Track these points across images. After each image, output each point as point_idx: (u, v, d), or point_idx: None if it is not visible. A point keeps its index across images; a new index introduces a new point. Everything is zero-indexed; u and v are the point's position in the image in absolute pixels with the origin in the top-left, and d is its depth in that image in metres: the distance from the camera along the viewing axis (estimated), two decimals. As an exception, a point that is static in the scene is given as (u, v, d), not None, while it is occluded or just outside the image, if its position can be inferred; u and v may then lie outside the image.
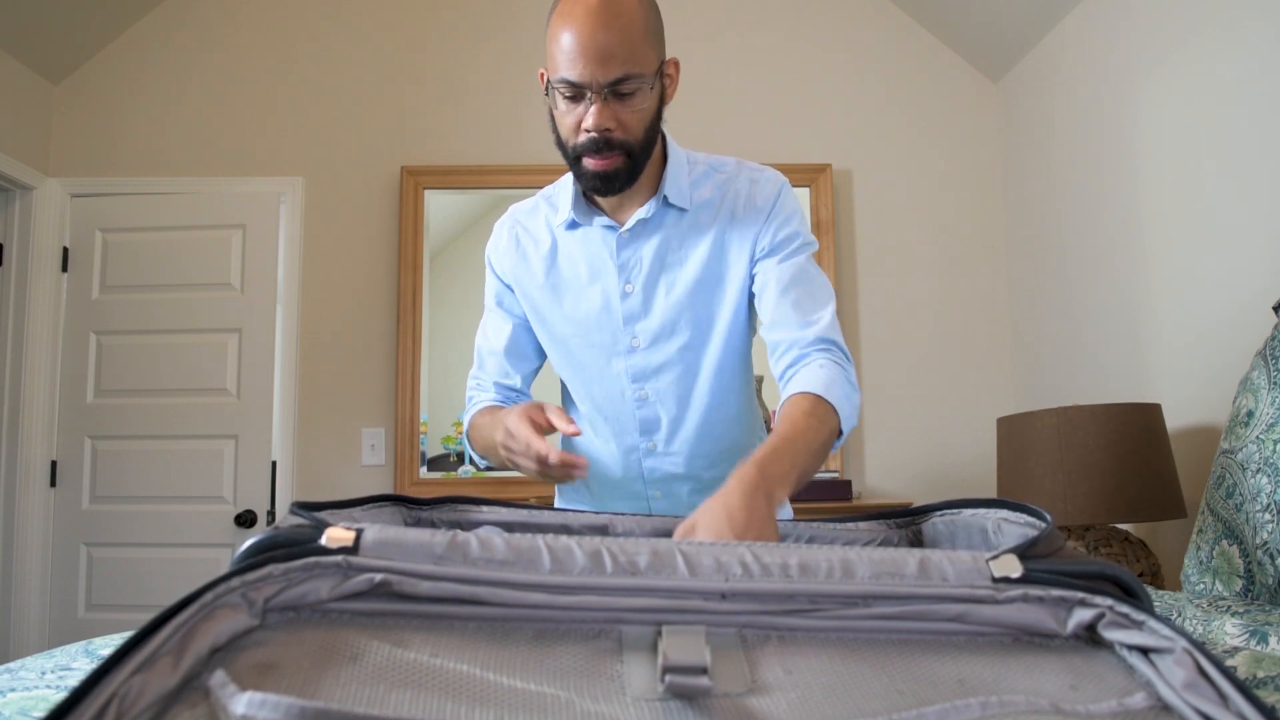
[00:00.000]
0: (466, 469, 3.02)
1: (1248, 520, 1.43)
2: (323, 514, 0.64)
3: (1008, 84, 3.16)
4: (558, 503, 1.41)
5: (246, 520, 2.89)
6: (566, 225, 1.21)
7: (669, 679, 0.43)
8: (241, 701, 0.38)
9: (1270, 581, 1.36)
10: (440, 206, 3.15)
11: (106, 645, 0.98)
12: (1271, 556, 1.36)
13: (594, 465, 1.29)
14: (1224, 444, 1.57)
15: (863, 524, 0.92)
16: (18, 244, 3.00)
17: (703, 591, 0.48)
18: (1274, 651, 1.07)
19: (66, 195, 3.07)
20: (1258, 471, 1.43)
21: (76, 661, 0.90)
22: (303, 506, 0.62)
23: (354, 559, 0.48)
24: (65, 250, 3.04)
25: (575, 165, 1.12)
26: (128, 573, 2.90)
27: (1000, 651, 0.47)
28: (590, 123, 1.05)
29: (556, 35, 1.04)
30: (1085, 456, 1.96)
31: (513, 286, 1.28)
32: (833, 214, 3.09)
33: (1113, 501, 1.92)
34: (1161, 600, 1.38)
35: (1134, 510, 1.93)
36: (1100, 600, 0.47)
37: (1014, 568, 0.49)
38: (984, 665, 0.46)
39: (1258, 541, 1.40)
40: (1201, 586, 1.52)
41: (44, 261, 3.00)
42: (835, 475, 2.92)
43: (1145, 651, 0.45)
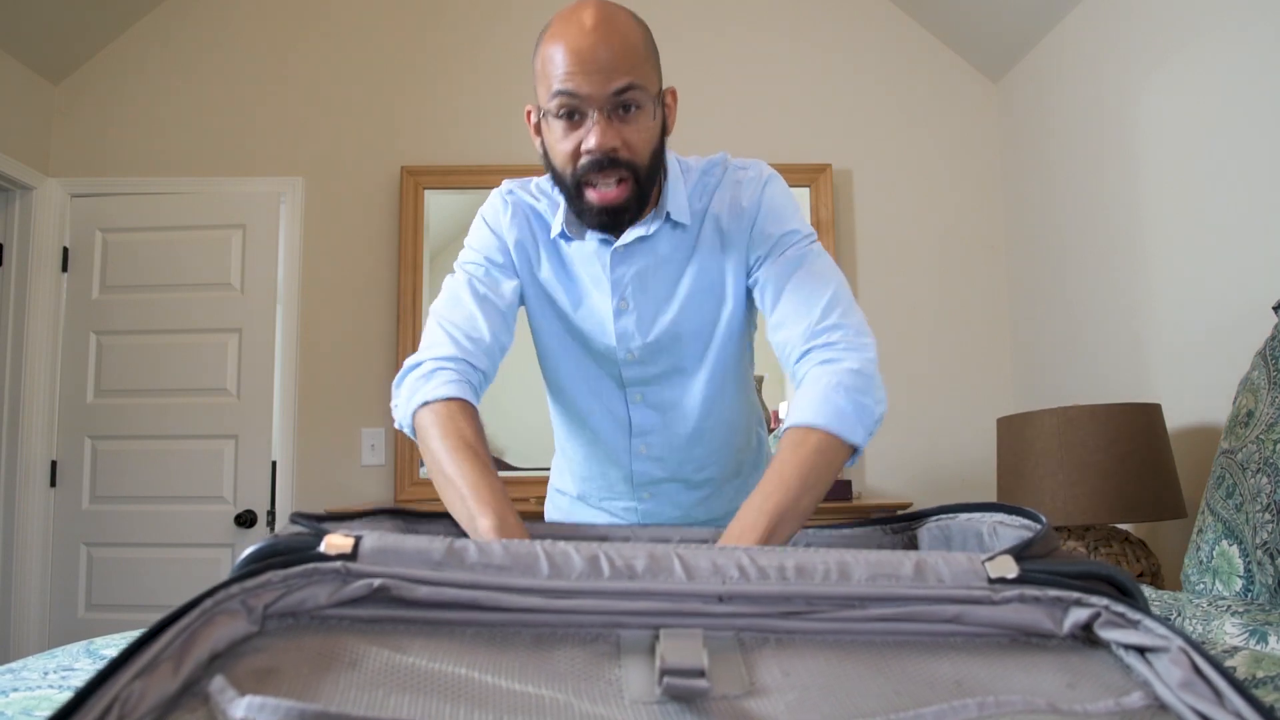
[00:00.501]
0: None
1: (1248, 520, 1.43)
2: (322, 525, 0.65)
3: (1008, 84, 3.16)
4: (547, 504, 1.40)
5: (246, 520, 2.89)
6: (559, 236, 1.13)
7: (667, 682, 0.44)
8: (241, 706, 0.38)
9: (1270, 581, 1.36)
10: (440, 206, 3.15)
11: (108, 645, 0.98)
12: (1271, 556, 1.37)
13: (580, 464, 1.27)
14: (1224, 444, 1.57)
15: (858, 530, 0.92)
16: (18, 244, 3.00)
17: (700, 595, 0.48)
18: (1274, 651, 1.07)
19: (66, 195, 3.07)
20: (1258, 471, 1.43)
21: (79, 662, 0.90)
22: (302, 517, 0.62)
23: (353, 565, 0.48)
24: (65, 250, 3.04)
25: (577, 199, 1.02)
26: (128, 573, 2.90)
27: (997, 652, 0.47)
28: (592, 142, 0.97)
29: (549, 55, 0.97)
30: (1085, 456, 1.96)
31: (514, 260, 1.16)
32: (833, 214, 3.09)
33: (1113, 501, 1.92)
34: (1161, 600, 1.39)
35: (1134, 510, 1.93)
36: (1096, 600, 0.47)
37: (1010, 568, 0.49)
38: (981, 666, 0.46)
39: (1258, 541, 1.40)
40: (1201, 586, 1.52)
41: (44, 261, 3.00)
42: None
43: (1141, 651, 0.45)
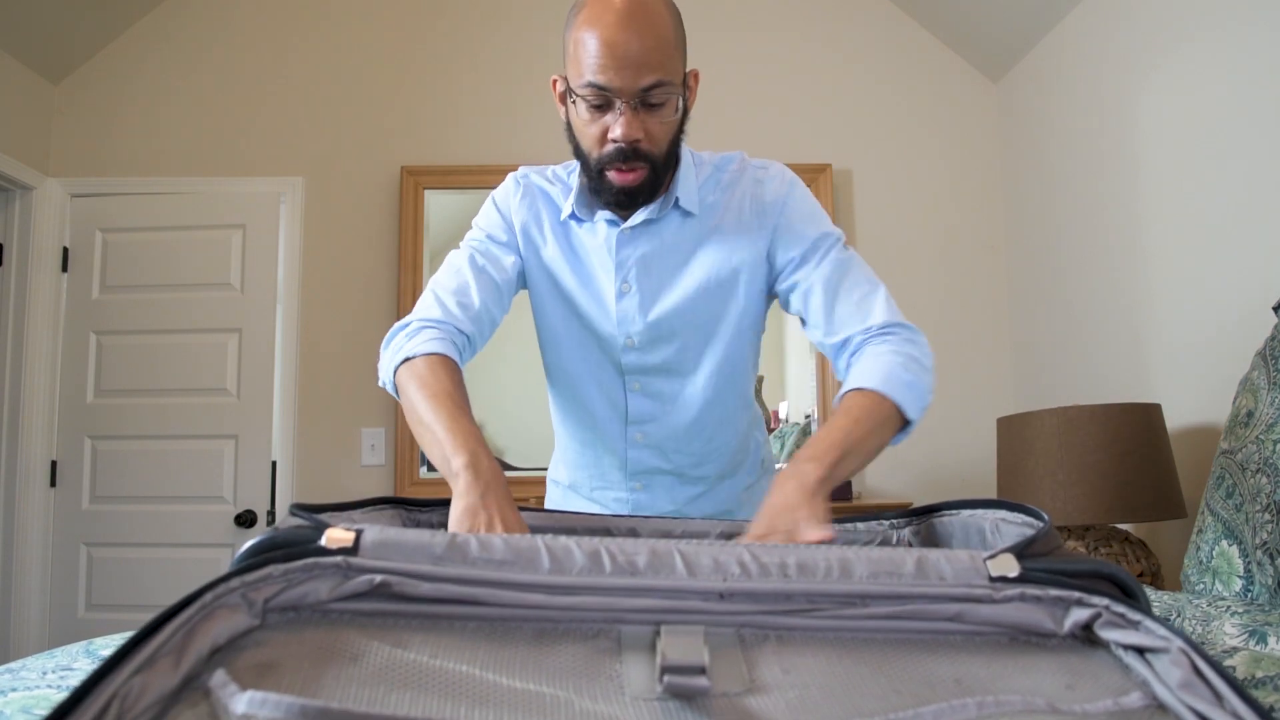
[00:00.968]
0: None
1: (1248, 520, 1.43)
2: (322, 516, 0.65)
3: (1008, 84, 3.16)
4: (546, 498, 1.40)
5: (246, 520, 2.89)
6: (569, 218, 1.17)
7: (667, 679, 0.44)
8: (242, 700, 0.38)
9: (1270, 581, 1.36)
10: (440, 206, 3.16)
11: (107, 645, 0.98)
12: (1271, 556, 1.36)
13: (575, 452, 1.28)
14: (1224, 444, 1.57)
15: (860, 525, 0.92)
16: (18, 244, 3.00)
17: (701, 591, 0.48)
18: (1273, 651, 1.07)
19: (66, 195, 3.07)
20: (1258, 471, 1.43)
21: (78, 661, 0.90)
22: (302, 509, 0.62)
23: (354, 560, 0.48)
24: (65, 250, 3.04)
25: (598, 179, 1.07)
26: (128, 573, 2.90)
27: (997, 651, 0.47)
28: (618, 133, 1.01)
29: (582, 39, 0.99)
30: (1085, 456, 1.96)
31: (519, 241, 1.19)
32: (833, 214, 3.07)
33: (1113, 501, 1.92)
34: (1161, 600, 1.39)
35: (1134, 510, 1.93)
36: (1097, 600, 0.47)
37: (1011, 567, 0.49)
38: (981, 665, 0.46)
39: (1258, 541, 1.40)
40: (1201, 587, 1.52)
41: (44, 261, 3.00)
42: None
43: (1141, 651, 0.45)
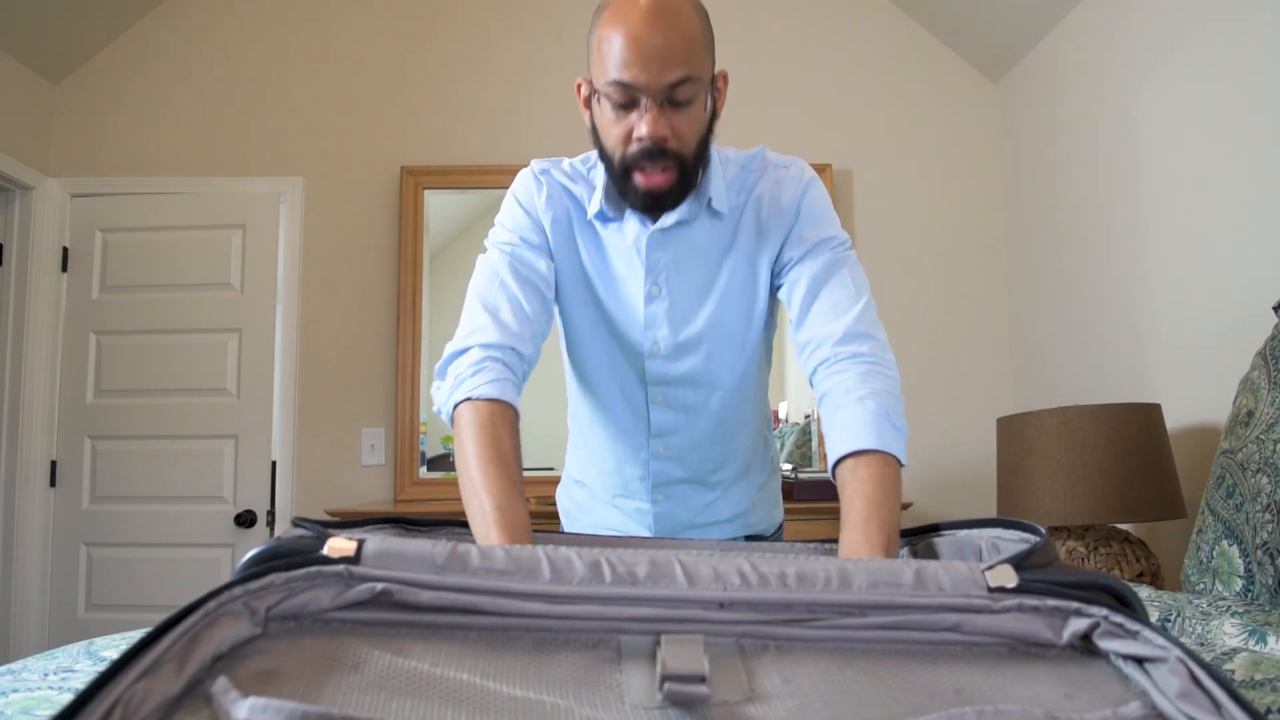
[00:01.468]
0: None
1: (1248, 520, 1.44)
2: (325, 529, 0.65)
3: (1008, 84, 3.16)
4: (561, 493, 1.39)
5: (246, 520, 2.90)
6: (596, 217, 1.13)
7: (667, 687, 0.44)
8: (244, 707, 0.38)
9: (1270, 581, 1.36)
10: (440, 206, 3.16)
11: (108, 646, 0.98)
12: (1271, 556, 1.37)
13: (597, 463, 1.27)
14: (1224, 444, 1.57)
15: None
16: (18, 244, 3.00)
17: (701, 601, 0.48)
18: (1273, 652, 1.07)
19: (66, 195, 3.07)
20: (1258, 471, 1.44)
21: (79, 663, 0.90)
22: (304, 523, 0.62)
23: (355, 569, 0.48)
24: (65, 250, 3.05)
25: (624, 180, 1.04)
26: (128, 573, 2.90)
27: (996, 661, 0.47)
28: (644, 130, 0.98)
29: (607, 37, 0.98)
30: (1085, 456, 1.96)
31: (549, 240, 1.14)
32: (832, 214, 3.09)
33: (1113, 501, 1.93)
34: (1161, 601, 1.39)
35: (1134, 510, 1.93)
36: (1095, 610, 0.48)
37: (1009, 578, 0.49)
38: (980, 675, 0.46)
39: (1258, 541, 1.40)
40: (1201, 587, 1.52)
41: (44, 261, 3.00)
42: (835, 475, 2.92)
43: (1140, 661, 0.45)
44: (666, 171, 1.02)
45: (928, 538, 0.86)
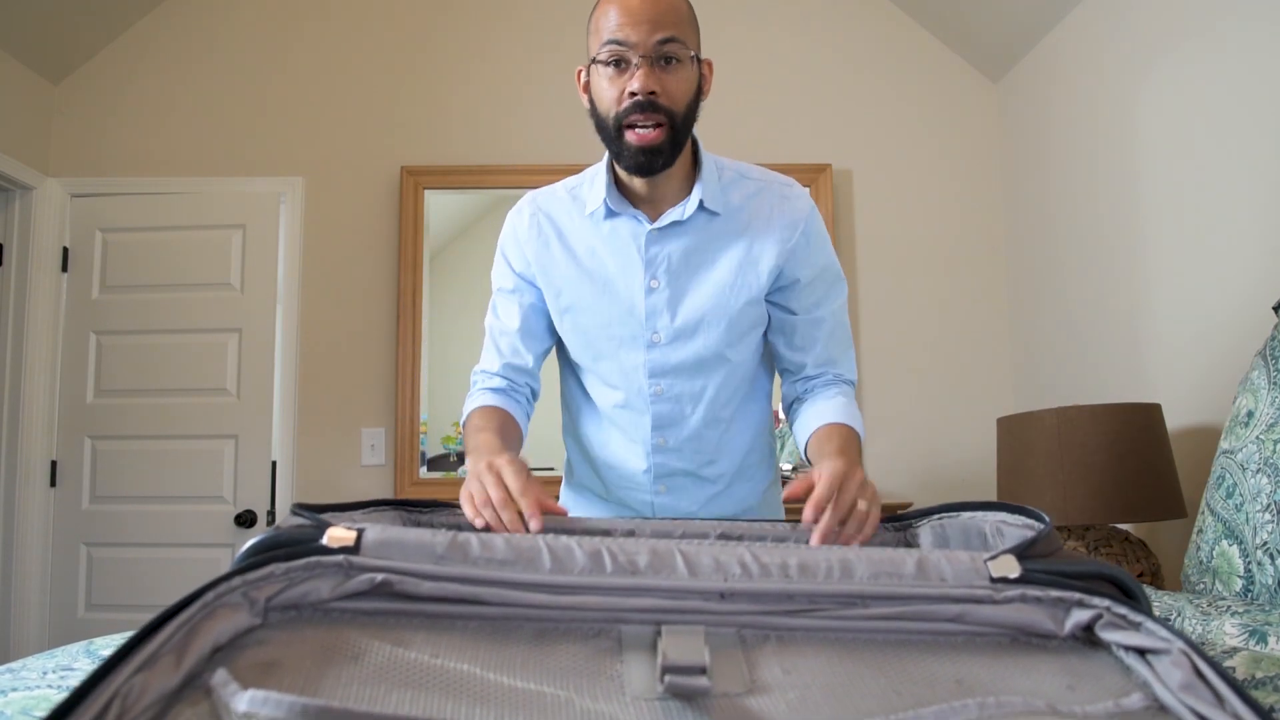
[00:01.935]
0: (466, 469, 3.02)
1: (1248, 520, 1.43)
2: (324, 516, 0.65)
3: (1008, 84, 3.16)
4: (563, 494, 1.41)
5: (246, 520, 2.89)
6: (603, 215, 1.20)
7: (668, 679, 0.44)
8: (244, 699, 0.38)
9: (1270, 581, 1.36)
10: (440, 206, 3.15)
11: (108, 645, 0.98)
12: (1271, 556, 1.37)
13: (601, 457, 1.30)
14: (1224, 444, 1.57)
15: None
16: (18, 244, 3.00)
17: (702, 591, 0.48)
18: (1273, 652, 1.07)
19: (66, 195, 3.07)
20: (1258, 471, 1.43)
21: (78, 661, 0.90)
22: (303, 509, 0.62)
23: (355, 559, 0.48)
24: (65, 250, 3.04)
25: (617, 140, 1.11)
26: (128, 573, 2.90)
27: (998, 652, 0.47)
28: (636, 85, 1.07)
29: (604, 12, 1.09)
30: (1085, 456, 1.96)
31: (532, 275, 1.25)
32: (833, 214, 3.09)
33: (1113, 501, 1.92)
34: (1161, 600, 1.39)
35: (1134, 510, 1.93)
36: (1098, 601, 0.47)
37: (1012, 568, 0.49)
38: (982, 665, 0.46)
39: (1258, 541, 1.40)
40: (1201, 586, 1.52)
41: (44, 261, 3.00)
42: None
43: (1142, 652, 0.45)
44: (659, 127, 1.09)
45: (930, 520, 0.86)
